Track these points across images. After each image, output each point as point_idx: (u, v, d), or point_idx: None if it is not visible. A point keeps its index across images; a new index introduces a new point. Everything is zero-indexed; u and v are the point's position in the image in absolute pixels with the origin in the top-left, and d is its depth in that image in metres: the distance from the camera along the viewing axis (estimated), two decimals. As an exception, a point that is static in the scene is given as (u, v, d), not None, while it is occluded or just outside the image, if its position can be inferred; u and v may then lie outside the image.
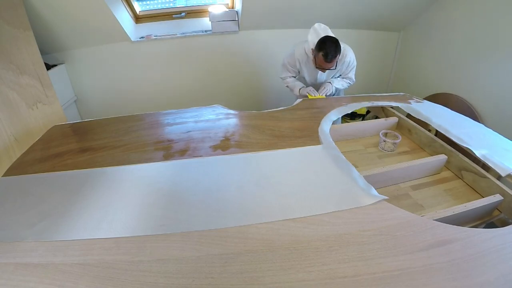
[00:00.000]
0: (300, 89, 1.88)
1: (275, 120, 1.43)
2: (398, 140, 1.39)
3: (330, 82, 1.86)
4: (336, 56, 1.59)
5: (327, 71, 1.78)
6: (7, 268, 0.71)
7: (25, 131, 1.50)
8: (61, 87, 2.45)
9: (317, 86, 1.91)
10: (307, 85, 1.95)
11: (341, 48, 1.65)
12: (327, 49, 1.56)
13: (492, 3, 1.95)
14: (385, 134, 1.44)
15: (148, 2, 2.60)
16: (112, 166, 1.11)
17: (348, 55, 1.80)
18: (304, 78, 1.94)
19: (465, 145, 1.22)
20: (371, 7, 2.47)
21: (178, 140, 1.28)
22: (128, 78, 2.74)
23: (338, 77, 1.92)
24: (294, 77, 1.96)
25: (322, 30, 1.69)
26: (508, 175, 1.06)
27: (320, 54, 1.58)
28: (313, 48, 1.64)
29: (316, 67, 1.71)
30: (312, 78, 1.91)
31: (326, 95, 1.81)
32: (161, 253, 0.73)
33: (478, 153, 1.16)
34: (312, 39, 1.67)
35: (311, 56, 1.72)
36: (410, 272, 0.67)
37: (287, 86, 1.97)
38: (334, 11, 2.49)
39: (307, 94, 1.81)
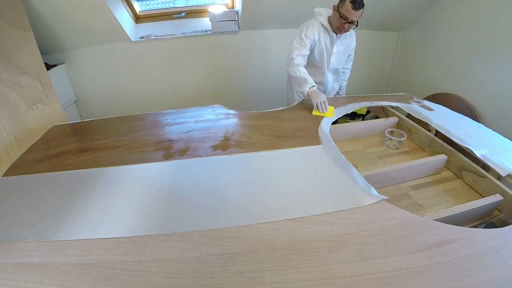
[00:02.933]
0: (311, 88, 1.53)
1: (275, 120, 1.43)
2: (404, 138, 1.40)
3: (338, 93, 1.89)
4: (362, 5, 1.49)
5: (337, 48, 1.72)
6: (7, 268, 0.71)
7: (25, 131, 1.50)
8: (61, 87, 2.45)
9: (325, 70, 1.81)
10: (315, 74, 1.80)
11: None
12: None
13: (492, 3, 1.95)
14: (391, 132, 1.45)
15: (148, 2, 2.60)
16: (112, 166, 1.11)
17: (353, 35, 1.82)
18: (318, 55, 1.75)
19: (465, 145, 1.22)
20: (371, 7, 2.46)
21: (178, 140, 1.28)
22: (128, 78, 2.74)
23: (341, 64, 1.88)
24: (304, 65, 1.68)
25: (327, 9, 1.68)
26: (508, 175, 1.06)
27: (348, 1, 1.47)
28: (334, 5, 1.57)
29: (340, 24, 1.55)
30: (328, 56, 1.77)
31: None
32: (161, 253, 0.73)
33: (478, 153, 1.16)
34: (324, 12, 1.66)
35: (327, 26, 1.64)
36: (410, 272, 0.67)
37: (293, 76, 1.62)
38: (334, 11, 2.49)
39: (314, 106, 1.49)
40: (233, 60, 2.80)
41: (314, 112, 1.47)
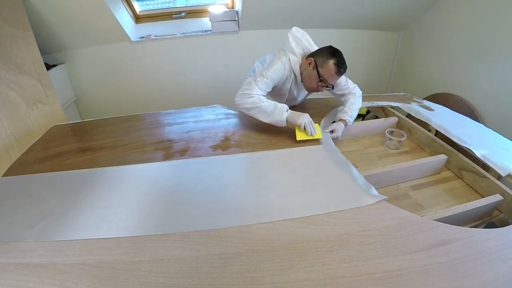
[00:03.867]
0: (287, 111, 1.23)
1: (275, 120, 1.43)
2: (404, 138, 1.40)
3: (344, 120, 1.35)
4: (346, 69, 1.25)
5: (304, 94, 1.44)
6: (7, 268, 0.71)
7: (25, 131, 1.50)
8: (61, 87, 2.45)
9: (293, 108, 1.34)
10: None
11: None
12: (340, 57, 1.23)
13: (492, 4, 1.95)
14: (391, 132, 1.45)
15: (148, 2, 2.60)
16: (112, 166, 1.11)
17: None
18: (277, 96, 1.45)
19: (465, 145, 1.22)
20: (371, 7, 2.47)
21: (178, 140, 1.28)
22: (128, 78, 2.74)
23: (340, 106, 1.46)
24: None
25: (302, 36, 1.36)
26: (508, 175, 1.06)
27: (331, 62, 1.21)
28: (310, 59, 1.27)
29: (315, 84, 1.29)
30: (291, 97, 1.47)
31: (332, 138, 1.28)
32: (161, 253, 0.73)
33: (478, 153, 1.16)
34: (296, 48, 1.33)
35: (298, 72, 1.34)
36: (410, 272, 0.67)
37: (255, 106, 1.24)
38: (334, 11, 2.49)
39: (299, 129, 1.23)
40: (233, 60, 2.80)
41: (299, 137, 1.21)
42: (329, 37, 2.82)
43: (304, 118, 1.22)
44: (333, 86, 1.32)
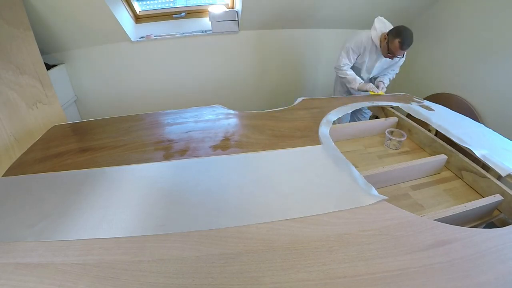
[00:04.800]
0: (360, 83, 1.89)
1: (275, 120, 1.43)
2: (404, 138, 1.40)
3: (382, 81, 1.98)
4: (410, 45, 1.67)
5: (381, 62, 1.88)
6: (7, 268, 0.71)
7: (25, 131, 1.50)
8: (61, 87, 2.46)
9: (366, 79, 2.03)
10: (355, 72, 2.00)
11: None
12: (405, 37, 1.64)
13: (492, 4, 1.95)
14: (391, 132, 1.45)
15: (148, 2, 2.60)
16: (112, 166, 1.11)
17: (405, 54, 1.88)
18: (358, 67, 1.97)
19: (465, 145, 1.22)
20: (371, 7, 2.47)
21: (178, 140, 1.28)
22: (128, 78, 2.74)
23: (385, 70, 2.01)
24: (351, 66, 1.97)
25: (387, 22, 1.82)
26: (508, 175, 1.06)
27: (397, 40, 1.65)
28: (385, 34, 1.74)
29: (386, 54, 1.77)
30: (370, 67, 1.96)
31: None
32: (161, 253, 0.73)
33: (478, 153, 1.16)
34: (380, 28, 1.78)
35: (377, 43, 1.79)
36: (410, 272, 0.67)
37: (343, 77, 1.96)
38: (334, 11, 2.49)
39: (369, 90, 1.86)
40: (233, 60, 2.80)
41: (372, 93, 1.85)
42: (329, 37, 2.84)
43: (368, 85, 1.88)
44: (403, 56, 1.81)
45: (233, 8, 2.60)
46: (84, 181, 1.03)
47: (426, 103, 1.69)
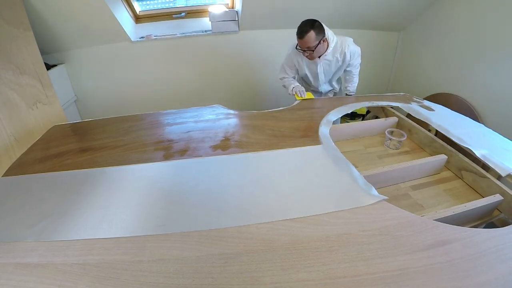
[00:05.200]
0: (293, 87, 1.83)
1: (275, 120, 1.43)
2: (404, 138, 1.40)
3: (348, 93, 1.96)
4: (306, 32, 1.55)
5: (322, 66, 1.78)
6: (7, 268, 0.71)
7: (25, 131, 1.50)
8: (61, 87, 2.46)
9: (318, 85, 1.95)
10: (309, 86, 1.98)
11: (340, 40, 1.71)
12: (299, 27, 1.59)
13: (492, 3, 1.95)
14: (391, 132, 1.45)
15: (148, 2, 2.60)
16: (112, 166, 1.11)
17: (349, 47, 1.75)
18: (306, 76, 1.93)
19: (465, 145, 1.22)
20: (371, 7, 2.47)
21: (178, 140, 1.28)
22: (128, 78, 2.74)
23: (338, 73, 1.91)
24: (293, 77, 1.95)
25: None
26: (508, 175, 1.06)
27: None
28: None
29: (301, 52, 1.70)
30: (313, 73, 1.89)
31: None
32: (161, 253, 0.73)
33: (478, 153, 1.15)
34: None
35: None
36: (410, 272, 0.67)
37: (284, 86, 1.96)
38: (334, 11, 2.49)
39: (294, 93, 1.79)
40: (233, 60, 2.80)
41: (298, 97, 1.75)
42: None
43: (296, 88, 1.80)
44: (313, 49, 1.64)
45: (233, 8, 2.60)
46: (84, 181, 1.03)
47: (426, 103, 1.69)
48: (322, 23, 1.61)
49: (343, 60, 1.79)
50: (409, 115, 1.60)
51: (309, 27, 1.55)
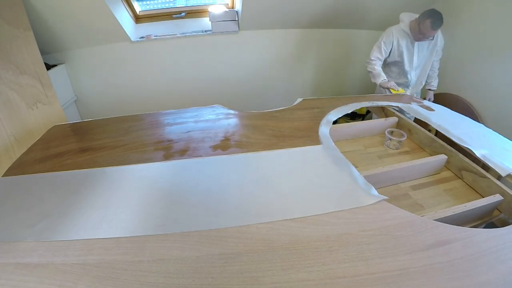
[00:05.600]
0: (382, 80, 1.94)
1: (275, 120, 1.43)
2: (404, 138, 1.40)
3: (430, 88, 2.15)
4: (440, 26, 1.75)
5: (419, 49, 1.94)
6: (7, 268, 0.71)
7: (25, 131, 1.50)
8: (61, 87, 2.46)
9: (409, 69, 2.03)
10: (397, 75, 2.08)
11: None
12: (436, 17, 1.72)
13: (492, 4, 1.95)
14: (391, 132, 1.45)
15: (148, 2, 2.60)
16: (112, 166, 1.11)
17: (441, 36, 1.97)
18: (399, 61, 2.01)
19: (465, 145, 1.22)
20: (371, 7, 2.48)
21: (178, 140, 1.28)
22: (128, 78, 2.74)
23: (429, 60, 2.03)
24: (381, 62, 2.04)
25: (412, 14, 1.92)
26: (508, 175, 1.06)
27: (428, 21, 1.72)
28: (416, 18, 1.82)
29: (418, 36, 1.83)
30: (410, 57, 1.98)
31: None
32: (161, 253, 0.73)
33: (478, 153, 1.16)
34: (408, 17, 1.91)
35: (408, 32, 1.88)
36: (410, 272, 0.67)
37: (370, 72, 2.03)
38: (334, 11, 2.49)
39: (390, 88, 1.89)
40: (233, 60, 2.80)
41: (392, 91, 1.89)
42: (330, 37, 2.84)
43: (390, 83, 1.92)
44: (433, 38, 1.88)
45: (233, 8, 2.60)
46: (84, 181, 1.03)
47: (426, 103, 1.69)
48: None
49: (435, 43, 1.95)
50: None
51: (442, 23, 1.75)
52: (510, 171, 1.05)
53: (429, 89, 2.17)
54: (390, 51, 1.99)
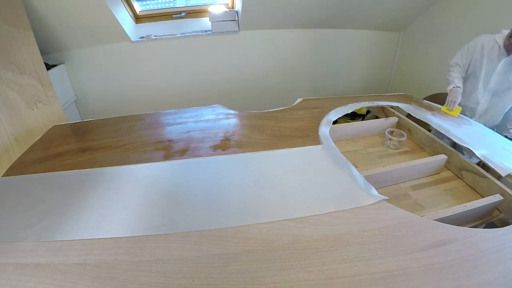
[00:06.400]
0: (453, 87, 1.63)
1: (275, 120, 1.43)
2: (404, 138, 1.40)
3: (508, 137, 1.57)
4: None
5: (501, 69, 1.53)
6: (7, 268, 0.71)
7: (25, 131, 1.50)
8: (61, 87, 2.45)
9: (482, 89, 1.63)
10: (471, 91, 1.68)
11: None
12: None
13: (492, 4, 1.95)
14: (391, 132, 1.45)
15: (148, 2, 2.60)
16: (112, 166, 1.11)
17: None
18: (476, 76, 1.65)
19: (465, 145, 1.22)
20: (371, 7, 2.47)
21: (178, 140, 1.28)
22: (128, 78, 2.74)
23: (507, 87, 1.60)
24: (462, 70, 1.70)
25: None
26: (508, 175, 1.06)
27: None
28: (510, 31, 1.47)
29: (505, 47, 1.48)
30: (487, 74, 1.60)
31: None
32: (161, 253, 0.73)
33: (478, 153, 1.16)
34: (506, 32, 1.53)
35: (501, 44, 1.52)
36: (410, 272, 0.67)
37: (447, 78, 1.72)
38: (334, 11, 2.49)
39: (445, 104, 1.61)
40: (233, 60, 2.80)
41: (443, 108, 1.62)
42: (330, 37, 2.84)
43: (452, 96, 1.60)
44: None
45: (233, 8, 2.60)
46: (84, 181, 1.03)
47: (426, 103, 1.69)
48: None
49: None
50: (409, 115, 1.60)
51: None
52: (510, 171, 1.05)
53: (507, 137, 1.49)
54: (471, 59, 1.67)
